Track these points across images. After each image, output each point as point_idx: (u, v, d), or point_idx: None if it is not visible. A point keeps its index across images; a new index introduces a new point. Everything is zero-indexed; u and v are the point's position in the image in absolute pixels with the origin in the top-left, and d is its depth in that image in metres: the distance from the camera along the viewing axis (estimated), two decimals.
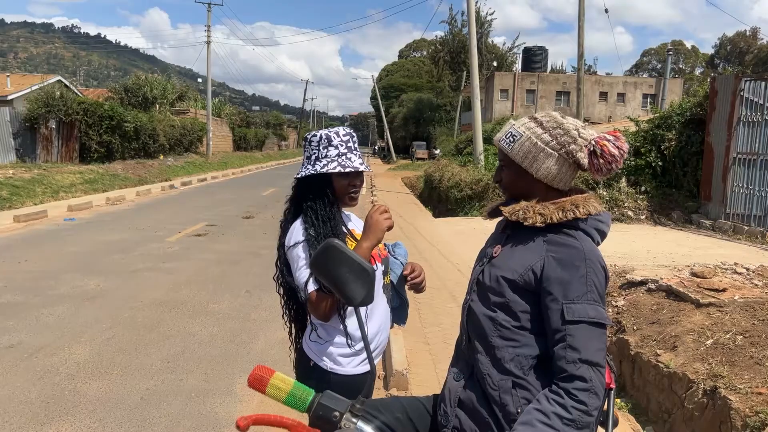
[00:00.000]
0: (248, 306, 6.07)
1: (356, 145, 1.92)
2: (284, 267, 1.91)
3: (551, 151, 1.51)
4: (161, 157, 26.13)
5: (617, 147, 1.50)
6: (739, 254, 8.22)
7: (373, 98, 63.21)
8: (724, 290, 5.46)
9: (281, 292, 2.00)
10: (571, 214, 1.47)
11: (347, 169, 1.85)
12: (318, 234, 1.80)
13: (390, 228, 1.79)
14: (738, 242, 9.58)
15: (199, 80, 59.40)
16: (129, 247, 9.04)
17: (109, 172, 19.70)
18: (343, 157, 1.86)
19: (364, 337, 1.42)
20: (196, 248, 9.17)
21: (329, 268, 1.42)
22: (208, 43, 35.19)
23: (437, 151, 32.95)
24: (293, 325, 2.03)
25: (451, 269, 7.63)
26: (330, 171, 1.84)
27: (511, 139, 1.55)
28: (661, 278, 5.89)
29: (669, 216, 11.60)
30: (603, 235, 1.54)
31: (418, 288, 2.00)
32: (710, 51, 65.86)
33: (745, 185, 10.49)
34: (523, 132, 1.54)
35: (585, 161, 1.51)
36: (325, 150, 1.86)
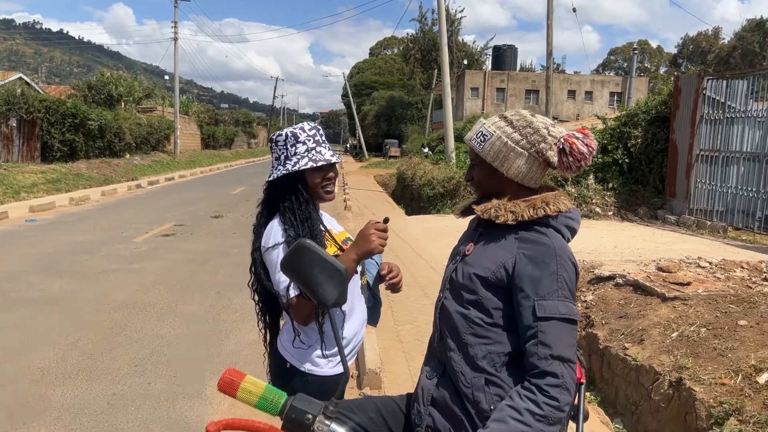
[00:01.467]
0: (218, 307, 5.99)
1: (324, 138, 1.89)
2: (262, 271, 1.85)
3: (521, 150, 1.52)
4: (127, 155, 25.63)
5: (586, 145, 1.51)
6: (703, 249, 8.44)
7: (345, 96, 63.08)
8: (688, 284, 5.60)
9: (256, 298, 1.95)
10: (542, 211, 1.49)
11: (320, 163, 1.82)
12: (297, 235, 1.76)
13: (379, 252, 1.74)
14: (701, 237, 9.83)
15: (166, 77, 58.30)
16: (94, 248, 8.83)
17: (73, 171, 19.24)
18: (313, 152, 1.82)
19: (337, 338, 1.40)
20: (165, 248, 9.01)
21: (301, 269, 1.40)
22: (175, 39, 34.60)
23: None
24: (267, 331, 1.99)
25: (424, 267, 7.65)
26: (302, 168, 1.80)
27: (482, 139, 1.56)
28: (629, 273, 6.01)
29: (635, 212, 11.84)
30: (573, 231, 1.56)
31: (396, 288, 1.98)
32: (674, 50, 67.40)
33: (707, 181, 10.77)
34: (494, 131, 1.55)
35: (555, 159, 1.52)
36: (293, 148, 1.82)
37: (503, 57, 45.57)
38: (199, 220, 12.19)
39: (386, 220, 1.76)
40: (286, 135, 1.84)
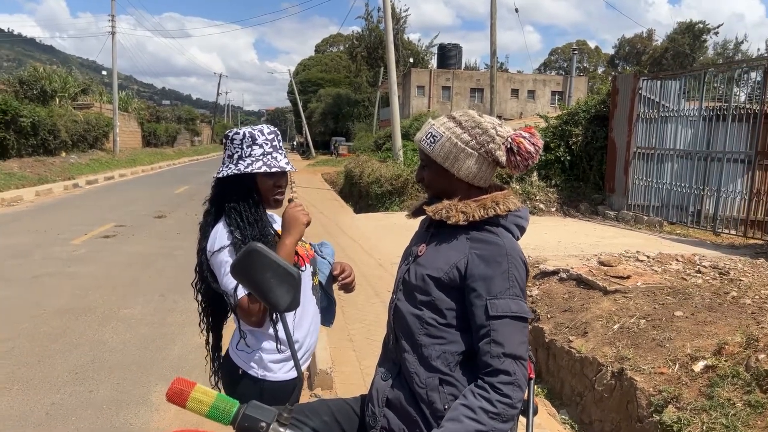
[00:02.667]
0: (163, 310, 5.81)
1: (281, 144, 1.85)
2: (208, 273, 1.79)
3: (471, 150, 1.53)
4: (63, 154, 24.53)
5: (533, 143, 1.54)
6: (640, 242, 8.79)
7: (291, 93, 62.37)
8: (628, 277, 5.81)
9: (199, 299, 1.90)
10: (492, 211, 1.50)
11: (273, 169, 1.77)
12: (244, 237, 1.72)
13: (308, 223, 1.75)
14: (639, 231, 10.24)
15: (104, 73, 56.20)
16: (28, 251, 8.41)
17: (4, 170, 18.25)
18: (269, 157, 1.78)
19: (290, 343, 1.38)
20: (105, 250, 8.68)
21: (252, 274, 1.36)
22: (113, 33, 33.35)
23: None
24: (211, 334, 1.94)
25: (374, 265, 7.65)
26: (255, 171, 1.75)
27: (432, 140, 1.56)
28: (572, 268, 6.19)
29: (577, 208, 12.22)
30: (522, 230, 1.59)
31: (349, 288, 1.97)
32: (611, 51, 69.82)
33: (644, 178, 11.23)
34: (443, 132, 1.55)
35: (503, 159, 1.54)
36: (249, 149, 1.77)
37: (448, 56, 46.07)
38: (141, 221, 11.79)
39: (291, 200, 1.82)
40: (244, 134, 1.79)
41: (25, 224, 11.01)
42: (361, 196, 17.95)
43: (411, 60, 48.68)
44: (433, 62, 51.23)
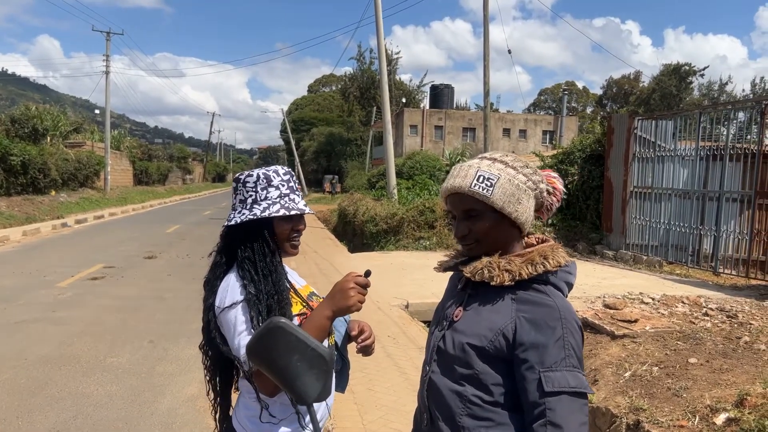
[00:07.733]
0: (152, 358, 5.53)
1: (297, 186, 1.69)
2: (216, 334, 1.57)
3: (529, 190, 1.38)
4: (53, 192, 24.28)
5: (561, 182, 1.46)
6: (642, 283, 8.64)
7: (283, 131, 62.88)
8: (635, 321, 5.65)
9: (207, 363, 1.68)
10: (541, 267, 1.31)
11: (293, 212, 1.60)
12: (259, 291, 1.52)
13: (357, 309, 1.50)
14: (639, 271, 10.10)
15: (97, 111, 56.42)
16: (12, 295, 8.12)
17: None
18: (286, 199, 1.61)
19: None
20: (92, 294, 8.39)
21: (274, 357, 1.15)
22: (107, 73, 33.58)
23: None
24: (220, 406, 1.71)
25: (372, 308, 7.42)
26: (274, 214, 1.58)
27: (488, 183, 1.34)
28: (577, 311, 6.01)
29: (575, 247, 12.10)
30: (570, 287, 1.39)
31: (368, 351, 1.74)
32: (599, 91, 71.06)
33: (641, 217, 11.17)
34: (498, 174, 1.35)
35: (545, 201, 1.41)
36: (265, 191, 1.60)
37: (440, 96, 46.64)
38: (131, 262, 11.51)
39: (368, 274, 1.53)
40: (258, 176, 1.62)
41: (10, 266, 10.70)
42: (355, 234, 17.76)
43: (404, 100, 49.26)
44: (425, 102, 51.87)
